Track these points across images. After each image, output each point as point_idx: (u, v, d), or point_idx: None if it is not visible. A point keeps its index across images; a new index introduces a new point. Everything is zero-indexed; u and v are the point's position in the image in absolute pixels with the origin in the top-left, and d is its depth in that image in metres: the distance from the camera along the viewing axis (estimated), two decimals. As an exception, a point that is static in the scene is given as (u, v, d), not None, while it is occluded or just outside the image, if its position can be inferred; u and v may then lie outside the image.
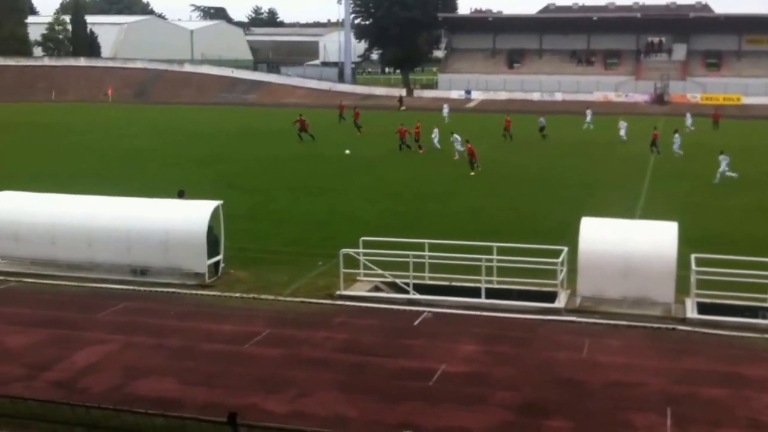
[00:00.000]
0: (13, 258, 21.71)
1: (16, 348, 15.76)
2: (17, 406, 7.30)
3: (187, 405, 12.88)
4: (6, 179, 30.25)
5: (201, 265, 20.51)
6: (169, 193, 24.34)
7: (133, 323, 17.39)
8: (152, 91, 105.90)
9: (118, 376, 14.34)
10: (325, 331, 17.01)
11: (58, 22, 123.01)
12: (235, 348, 15.88)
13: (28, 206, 22.16)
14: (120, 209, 21.71)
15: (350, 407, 13.08)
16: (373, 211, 30.28)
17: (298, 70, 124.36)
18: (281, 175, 39.61)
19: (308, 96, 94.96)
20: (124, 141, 53.82)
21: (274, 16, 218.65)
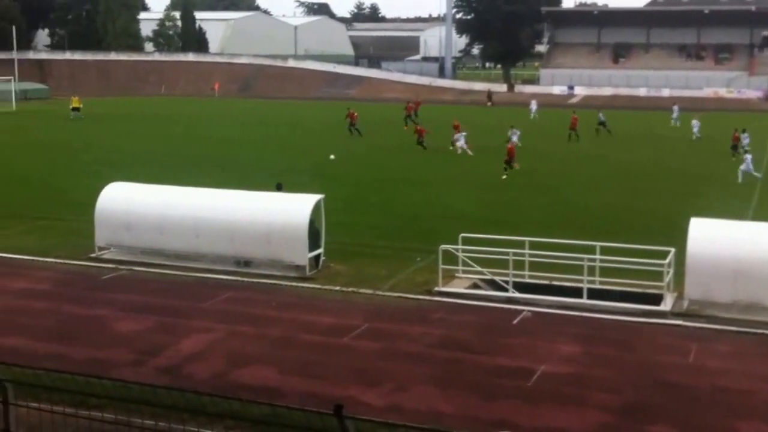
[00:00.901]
0: (124, 247, 22.50)
1: (126, 333, 16.36)
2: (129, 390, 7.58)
3: (287, 394, 13.15)
4: (118, 169, 31.45)
5: (302, 258, 20.84)
6: (269, 184, 24.85)
7: (237, 313, 17.82)
8: (256, 85, 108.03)
9: (221, 364, 14.74)
10: (422, 326, 17.07)
11: (168, 18, 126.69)
12: (334, 340, 16.10)
13: (139, 197, 22.93)
14: (225, 201, 22.25)
15: (447, 403, 13.11)
16: (471, 205, 30.14)
17: (398, 65, 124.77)
18: (380, 167, 39.88)
19: (408, 91, 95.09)
20: (229, 133, 55.04)
21: (375, 11, 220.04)
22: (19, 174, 37.18)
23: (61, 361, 13.63)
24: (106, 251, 22.60)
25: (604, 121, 55.56)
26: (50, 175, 36.85)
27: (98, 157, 41.79)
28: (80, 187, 31.05)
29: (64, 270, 21.33)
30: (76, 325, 16.85)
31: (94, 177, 31.27)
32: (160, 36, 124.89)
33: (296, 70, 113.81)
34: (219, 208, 21.79)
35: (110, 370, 13.56)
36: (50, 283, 20.00)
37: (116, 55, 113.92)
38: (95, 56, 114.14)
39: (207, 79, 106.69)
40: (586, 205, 30.61)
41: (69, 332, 16.41)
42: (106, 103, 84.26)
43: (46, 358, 14.13)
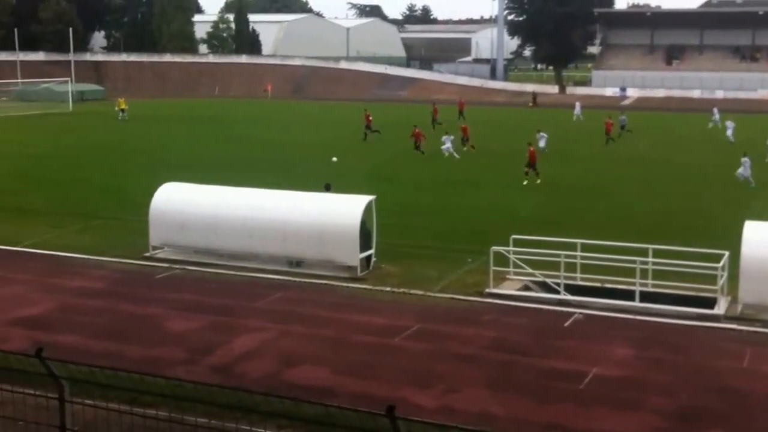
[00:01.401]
0: (178, 246, 22.79)
1: (180, 332, 16.57)
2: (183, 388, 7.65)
3: (339, 394, 13.18)
4: (172, 169, 31.81)
5: (353, 259, 20.91)
6: (321, 186, 24.96)
7: (289, 312, 17.93)
8: (308, 87, 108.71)
9: (273, 364, 14.84)
10: (474, 328, 17.01)
11: (222, 20, 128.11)
12: (385, 341, 16.12)
13: (193, 197, 23.22)
14: (278, 202, 22.42)
15: (498, 405, 13.04)
16: (522, 207, 29.98)
17: (450, 66, 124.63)
18: (432, 169, 39.81)
19: (459, 92, 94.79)
20: (282, 134, 55.48)
21: (427, 13, 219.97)
22: (75, 174, 37.90)
23: (116, 359, 13.82)
24: (160, 250, 22.92)
25: (626, 124, 54.03)
26: (105, 175, 37.47)
27: (153, 158, 42.42)
28: (135, 187, 31.54)
29: (119, 269, 21.68)
30: (130, 324, 17.11)
31: (148, 177, 31.73)
32: (214, 38, 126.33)
33: (348, 71, 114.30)
34: (272, 209, 21.96)
35: (164, 368, 13.71)
36: (105, 282, 20.33)
37: (171, 57, 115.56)
38: (150, 58, 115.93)
39: (260, 81, 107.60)
40: (638, 208, 30.21)
41: (124, 330, 16.66)
42: (160, 104, 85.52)
43: (101, 356, 14.34)
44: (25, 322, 17.10)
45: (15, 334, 16.24)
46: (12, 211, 28.79)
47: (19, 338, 15.83)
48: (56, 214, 28.32)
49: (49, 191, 33.23)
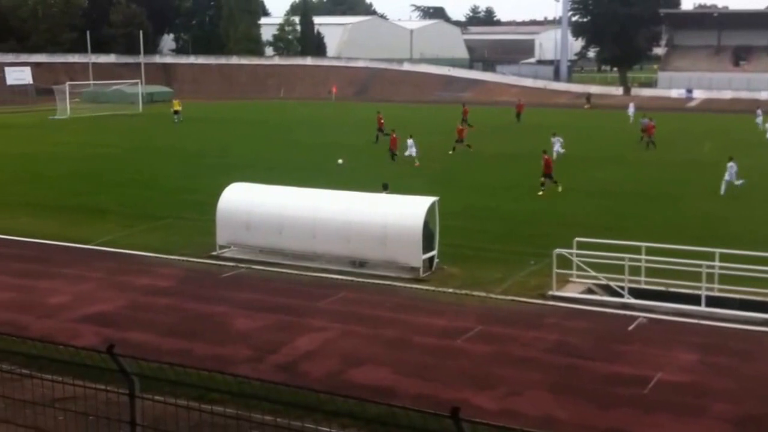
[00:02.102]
0: (244, 246, 23.16)
1: (245, 331, 16.85)
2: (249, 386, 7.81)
3: (400, 395, 13.26)
4: (238, 170, 32.29)
5: (416, 260, 21.00)
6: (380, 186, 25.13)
7: (351, 313, 18.11)
8: (372, 89, 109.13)
9: (336, 363, 15.01)
10: (536, 331, 16.95)
11: (288, 23, 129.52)
12: (447, 342, 16.16)
13: (258, 198, 23.57)
14: (342, 203, 22.63)
15: (560, 409, 12.99)
16: (584, 210, 29.69)
17: (513, 68, 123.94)
18: (495, 171, 39.68)
19: (523, 94, 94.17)
20: (346, 136, 55.82)
21: (491, 14, 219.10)
22: (144, 174, 38.74)
23: (184, 357, 14.13)
24: (226, 250, 23.32)
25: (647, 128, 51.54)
26: (173, 176, 38.23)
27: (219, 159, 43.07)
28: (202, 188, 32.14)
29: (186, 267, 22.13)
30: (197, 322, 17.46)
31: (213, 178, 32.35)
32: (279, 40, 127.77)
33: (411, 73, 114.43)
34: (335, 210, 22.18)
35: (230, 366, 13.96)
36: (173, 280, 20.76)
37: (238, 60, 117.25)
38: (218, 60, 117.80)
39: (324, 83, 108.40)
40: (703, 212, 29.66)
41: (191, 328, 17.01)
42: (227, 106, 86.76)
43: (169, 353, 14.63)
44: (95, 318, 17.59)
45: (86, 330, 16.72)
46: (85, 211, 29.64)
47: (90, 334, 16.30)
48: (126, 214, 29.02)
49: (120, 191, 34.02)
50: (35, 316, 17.67)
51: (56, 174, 38.84)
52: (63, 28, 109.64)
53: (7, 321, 16.60)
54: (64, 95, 73.94)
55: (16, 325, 16.27)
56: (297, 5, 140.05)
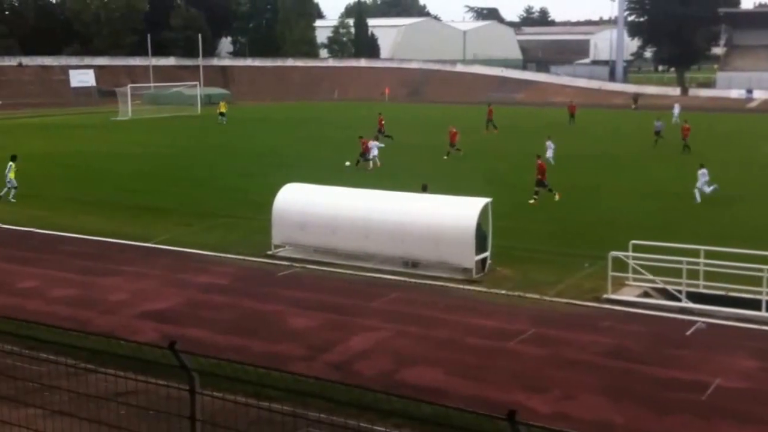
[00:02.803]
0: (298, 245, 23.40)
1: (299, 329, 17.03)
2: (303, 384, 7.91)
3: (452, 396, 13.27)
4: (294, 170, 32.60)
5: (469, 261, 20.99)
6: (440, 189, 25.11)
7: (404, 313, 18.16)
8: (425, 90, 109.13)
9: (388, 363, 15.08)
10: (590, 334, 16.82)
11: (342, 25, 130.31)
12: (500, 344, 16.13)
13: (313, 198, 23.79)
14: (395, 203, 22.72)
15: (616, 414, 12.88)
16: (641, 212, 29.32)
17: (567, 68, 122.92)
18: (551, 172, 39.32)
19: (577, 95, 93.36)
20: (402, 136, 55.86)
21: (545, 15, 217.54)
22: (202, 174, 39.30)
23: (240, 354, 14.31)
24: (281, 249, 23.59)
25: (661, 130, 50.07)
26: (230, 176, 38.71)
27: (275, 159, 43.49)
28: (258, 187, 32.52)
29: (242, 266, 22.43)
30: (253, 320, 17.70)
31: (269, 178, 32.69)
32: (334, 42, 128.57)
33: (464, 74, 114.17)
34: (389, 210, 22.28)
35: (285, 363, 14.12)
36: (230, 278, 21.06)
37: (293, 62, 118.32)
38: (274, 62, 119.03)
39: (378, 84, 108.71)
40: (762, 214, 29.08)
41: (247, 326, 17.25)
42: (282, 107, 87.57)
43: (226, 350, 14.88)
44: (154, 315, 17.94)
45: (145, 326, 17.05)
46: (145, 210, 30.24)
47: (149, 331, 16.62)
48: (185, 213, 29.54)
49: (179, 190, 34.62)
50: (97, 312, 18.09)
51: (118, 173, 39.66)
52: (125, 32, 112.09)
53: (70, 316, 17.04)
54: (126, 97, 75.50)
55: (78, 321, 16.69)
56: (352, 7, 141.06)
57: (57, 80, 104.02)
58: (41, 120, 72.87)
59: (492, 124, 59.60)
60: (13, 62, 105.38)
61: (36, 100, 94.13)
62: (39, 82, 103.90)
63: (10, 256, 23.30)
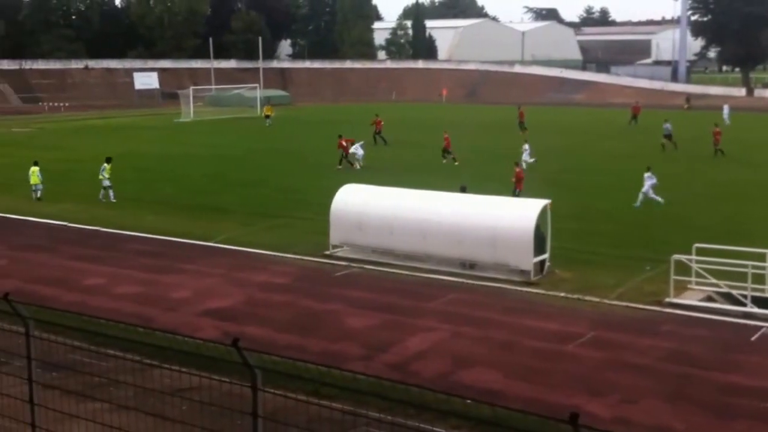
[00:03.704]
0: (356, 245, 23.52)
1: (357, 329, 17.13)
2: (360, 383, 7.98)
3: (510, 398, 13.21)
4: (351, 171, 32.81)
5: (527, 263, 20.87)
6: (500, 191, 25.04)
7: (462, 314, 18.14)
8: (482, 91, 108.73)
9: (445, 364, 15.08)
10: (651, 338, 16.60)
11: (400, 27, 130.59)
12: (558, 347, 16.02)
13: (371, 199, 23.91)
14: (452, 204, 22.71)
15: (677, 419, 12.70)
16: (703, 215, 28.85)
17: (628, 69, 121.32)
18: (609, 173, 38.97)
19: (638, 96, 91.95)
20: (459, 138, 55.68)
21: (605, 15, 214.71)
22: (263, 175, 39.75)
23: (298, 352, 14.46)
24: (339, 249, 23.74)
25: (671, 133, 48.24)
26: (290, 176, 39.08)
27: (334, 159, 43.63)
28: (317, 188, 32.76)
29: (301, 265, 22.65)
30: (311, 319, 17.86)
31: (329, 178, 32.96)
32: (392, 44, 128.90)
33: (522, 75, 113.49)
34: (446, 211, 22.28)
35: (342, 362, 14.20)
36: (288, 278, 21.28)
37: (351, 63, 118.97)
38: (332, 64, 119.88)
39: (435, 85, 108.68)
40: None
41: (305, 325, 17.41)
42: (340, 109, 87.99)
43: (285, 348, 15.05)
44: (215, 313, 18.23)
45: (206, 324, 17.34)
46: (207, 210, 30.72)
47: (210, 328, 16.89)
48: (245, 213, 29.91)
49: (240, 191, 35.06)
50: (160, 310, 18.45)
51: (180, 174, 40.36)
52: (187, 35, 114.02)
53: (134, 313, 17.38)
54: (188, 99, 76.78)
55: (143, 318, 17.04)
56: (410, 9, 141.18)
57: (121, 83, 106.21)
58: (106, 122, 74.46)
59: (523, 126, 59.51)
60: (79, 65, 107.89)
61: (101, 102, 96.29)
62: (104, 85, 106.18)
63: (77, 254, 23.90)
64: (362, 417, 8.93)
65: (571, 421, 5.72)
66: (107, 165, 32.49)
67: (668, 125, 48.69)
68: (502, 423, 6.89)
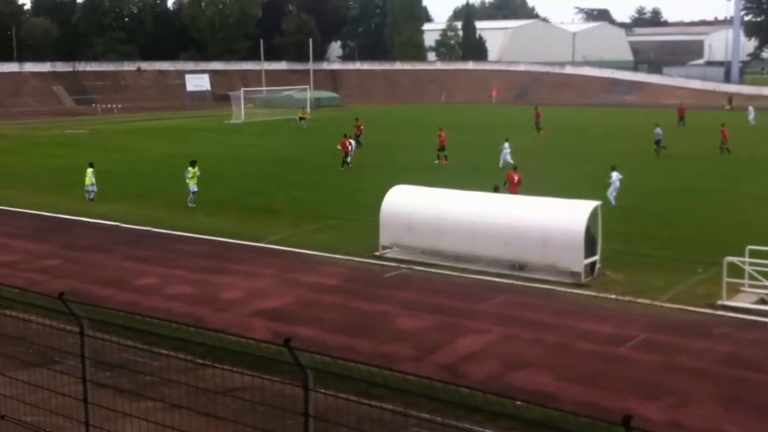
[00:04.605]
0: (405, 247, 23.55)
1: (407, 330, 17.16)
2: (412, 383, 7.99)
3: (562, 401, 13.11)
4: (401, 172, 32.80)
5: (577, 264, 20.71)
6: (552, 193, 24.81)
7: (512, 316, 18.09)
8: (532, 92, 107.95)
9: (496, 366, 15.04)
10: (705, 341, 16.37)
11: (450, 28, 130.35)
12: (610, 349, 15.88)
13: (421, 200, 23.93)
14: (502, 206, 22.63)
15: (732, 424, 12.51)
16: (757, 217, 28.29)
17: (680, 70, 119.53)
18: (662, 175, 38.44)
19: (691, 96, 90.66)
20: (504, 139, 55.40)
21: (657, 15, 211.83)
22: (312, 176, 40.00)
23: (348, 353, 14.48)
24: (388, 250, 23.79)
25: (661, 138, 47.08)
26: (339, 177, 39.31)
27: (383, 161, 43.75)
28: (366, 189, 32.87)
29: (351, 266, 22.75)
30: (362, 320, 17.94)
31: (378, 179, 32.96)
32: (442, 45, 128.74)
33: (573, 76, 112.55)
34: (496, 212, 22.22)
35: (393, 364, 14.20)
36: (339, 279, 21.39)
37: (401, 65, 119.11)
38: (382, 66, 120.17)
39: (485, 87, 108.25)
40: None
41: (355, 326, 17.50)
42: (390, 110, 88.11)
43: (335, 348, 15.08)
44: (266, 313, 18.39)
45: (258, 324, 17.50)
46: (259, 210, 31.01)
47: (261, 328, 17.04)
48: (296, 214, 30.11)
49: (290, 192, 35.28)
50: (212, 310, 18.66)
51: (232, 175, 40.75)
52: (238, 38, 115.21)
53: (186, 313, 17.62)
54: (239, 101, 77.55)
55: (194, 318, 17.25)
56: (460, 10, 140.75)
57: (173, 84, 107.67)
58: (159, 123, 75.55)
59: (538, 126, 59.97)
60: (132, 67, 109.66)
61: (153, 104, 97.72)
62: (156, 87, 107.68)
63: (130, 255, 24.28)
64: (412, 418, 8.92)
65: (624, 424, 5.68)
66: (191, 168, 31.89)
67: (659, 130, 47.90)
68: (553, 425, 6.86)
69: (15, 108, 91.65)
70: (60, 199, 33.88)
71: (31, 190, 36.49)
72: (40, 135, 64.24)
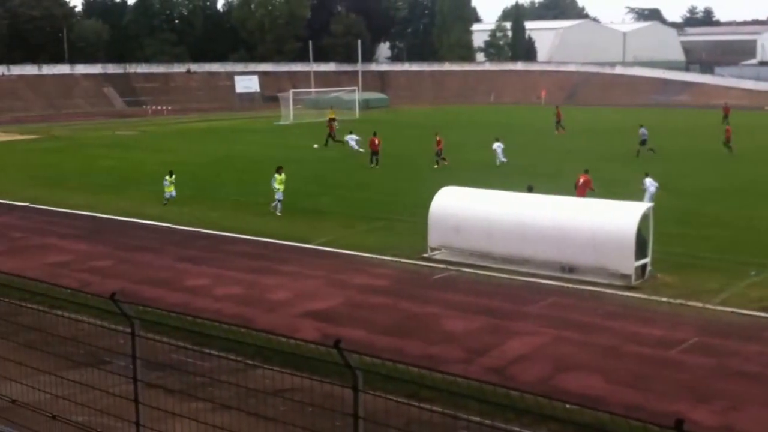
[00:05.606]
0: (453, 248, 23.52)
1: (456, 332, 17.14)
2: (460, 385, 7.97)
3: (612, 404, 13.00)
4: (450, 172, 32.75)
5: (628, 267, 20.48)
6: (604, 194, 24.62)
7: (562, 318, 17.95)
8: (582, 93, 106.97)
9: (546, 368, 14.96)
10: (758, 344, 16.12)
11: (499, 28, 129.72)
12: (661, 352, 15.69)
13: (469, 201, 23.86)
14: (551, 208, 22.46)
15: (786, 429, 12.30)
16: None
17: (733, 70, 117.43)
18: (716, 176, 37.82)
19: (743, 97, 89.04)
20: (556, 140, 55.12)
21: (709, 15, 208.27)
22: (361, 177, 40.13)
23: (396, 355, 14.47)
24: (437, 252, 23.77)
25: (646, 139, 46.04)
26: (389, 178, 39.32)
27: (431, 162, 43.64)
28: (415, 190, 32.84)
29: (399, 268, 22.77)
30: (410, 321, 17.95)
31: (427, 180, 32.98)
32: (491, 46, 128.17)
33: (623, 77, 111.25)
34: (545, 214, 22.06)
35: (441, 365, 14.16)
36: (387, 280, 21.43)
37: (450, 66, 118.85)
38: (431, 67, 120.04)
39: (534, 87, 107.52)
40: None
41: (403, 327, 17.51)
42: (439, 111, 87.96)
43: (383, 350, 15.07)
44: (314, 314, 18.50)
45: (306, 325, 17.61)
46: (308, 212, 31.09)
47: (309, 329, 17.15)
48: (345, 215, 30.21)
49: (339, 193, 35.40)
50: (261, 311, 18.83)
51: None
52: (287, 39, 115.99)
53: (235, 314, 17.80)
54: (288, 102, 77.98)
55: (244, 318, 17.42)
56: (509, 11, 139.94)
57: (223, 86, 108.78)
58: (208, 124, 76.33)
59: (560, 126, 59.90)
60: (182, 69, 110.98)
61: (203, 105, 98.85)
62: (206, 88, 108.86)
63: (181, 256, 24.57)
64: (461, 420, 8.91)
65: (676, 428, 5.62)
66: (278, 176, 30.66)
67: (644, 130, 46.96)
68: (604, 428, 6.80)
69: (66, 110, 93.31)
70: (111, 200, 34.34)
71: (82, 191, 37.03)
72: (91, 136, 65.23)
